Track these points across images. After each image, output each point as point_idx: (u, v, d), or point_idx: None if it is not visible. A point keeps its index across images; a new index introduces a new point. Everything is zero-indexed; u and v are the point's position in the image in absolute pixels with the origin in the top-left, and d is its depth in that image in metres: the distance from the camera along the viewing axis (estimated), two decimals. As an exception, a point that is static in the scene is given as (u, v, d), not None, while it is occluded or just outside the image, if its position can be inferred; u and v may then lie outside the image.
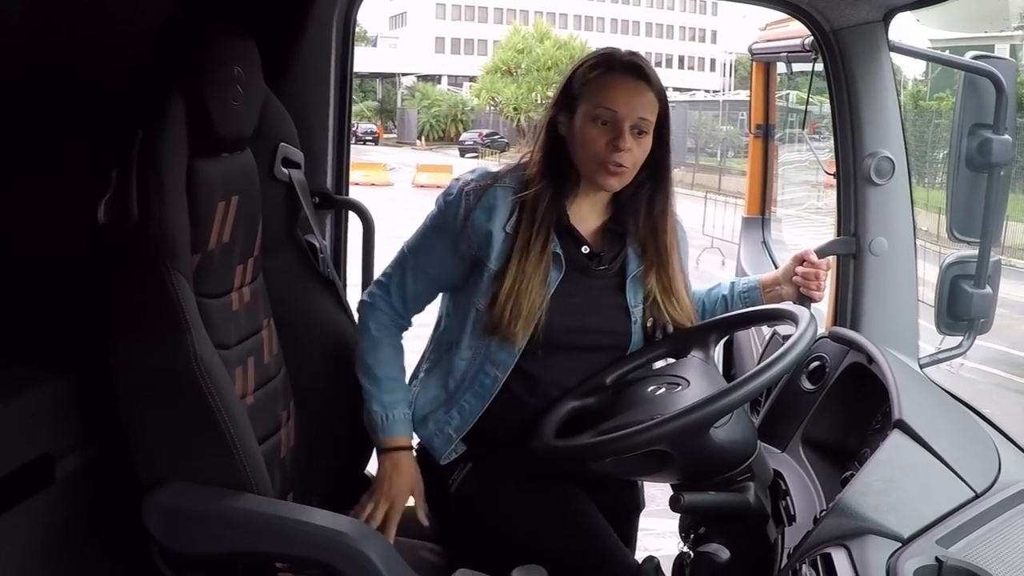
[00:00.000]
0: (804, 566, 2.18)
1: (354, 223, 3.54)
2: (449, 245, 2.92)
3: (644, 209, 2.93)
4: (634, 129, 2.80)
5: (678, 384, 2.55)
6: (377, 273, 3.31)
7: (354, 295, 3.34)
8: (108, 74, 2.63)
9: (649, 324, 2.93)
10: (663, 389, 2.54)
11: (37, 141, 2.67)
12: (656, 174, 2.92)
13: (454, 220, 2.90)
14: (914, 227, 3.27)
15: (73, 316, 2.64)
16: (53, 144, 2.68)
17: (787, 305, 2.88)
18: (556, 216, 2.88)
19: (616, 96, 2.81)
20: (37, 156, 2.68)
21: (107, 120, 2.45)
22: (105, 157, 2.41)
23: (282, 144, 3.01)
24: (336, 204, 3.47)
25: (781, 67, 4.55)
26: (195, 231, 2.53)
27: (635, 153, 2.81)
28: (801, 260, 3.05)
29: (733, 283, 3.17)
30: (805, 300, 3.12)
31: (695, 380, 2.56)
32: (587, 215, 2.95)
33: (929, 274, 3.42)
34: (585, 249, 2.91)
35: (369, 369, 2.97)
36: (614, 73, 2.84)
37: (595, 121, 2.82)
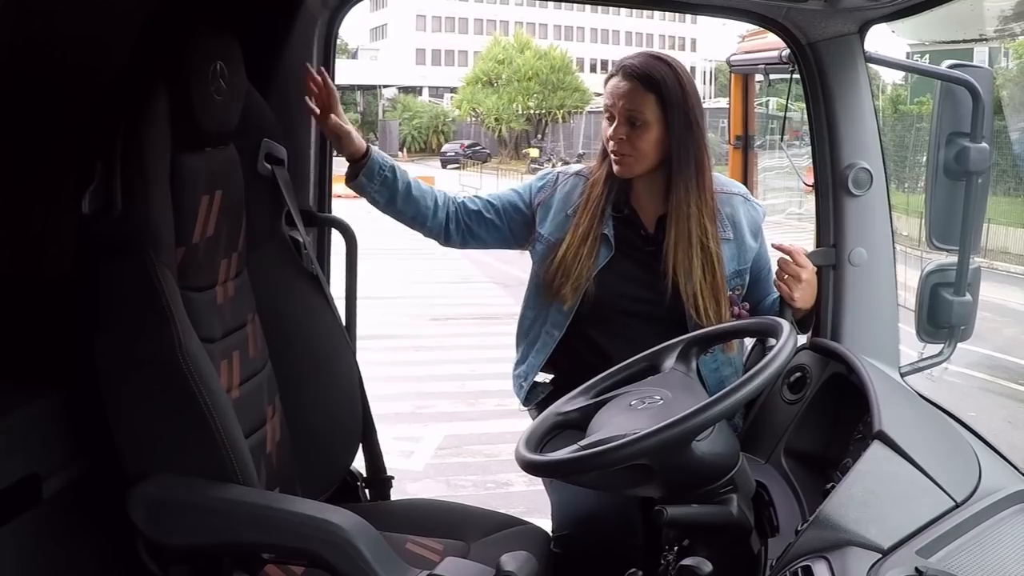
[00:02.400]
0: (784, 579, 2.19)
1: (337, 240, 3.54)
2: (527, 193, 3.49)
3: (667, 194, 3.32)
4: (629, 120, 3.26)
5: (659, 398, 2.55)
6: (361, 290, 3.38)
7: (339, 310, 3.34)
8: (89, 82, 2.64)
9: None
10: (644, 403, 2.54)
11: (18, 151, 2.67)
12: (670, 162, 3.27)
13: (540, 184, 3.49)
14: (893, 237, 3.28)
15: (57, 331, 2.64)
16: (35, 155, 2.69)
17: (766, 318, 2.89)
18: (612, 200, 3.37)
19: (610, 95, 3.31)
20: (18, 167, 2.68)
21: (92, 111, 2.47)
22: (89, 148, 2.43)
23: (265, 140, 3.03)
24: (319, 222, 3.48)
25: (759, 75, 4.56)
26: (179, 224, 2.56)
27: (634, 143, 3.27)
28: (788, 252, 3.19)
29: None
30: (786, 309, 3.14)
31: (676, 394, 2.56)
32: (647, 201, 3.39)
33: (911, 279, 3.43)
34: (642, 232, 3.37)
35: None
36: (613, 77, 3.32)
37: (606, 118, 3.34)
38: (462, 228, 3.44)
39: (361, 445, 3.38)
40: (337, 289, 3.49)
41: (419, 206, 3.39)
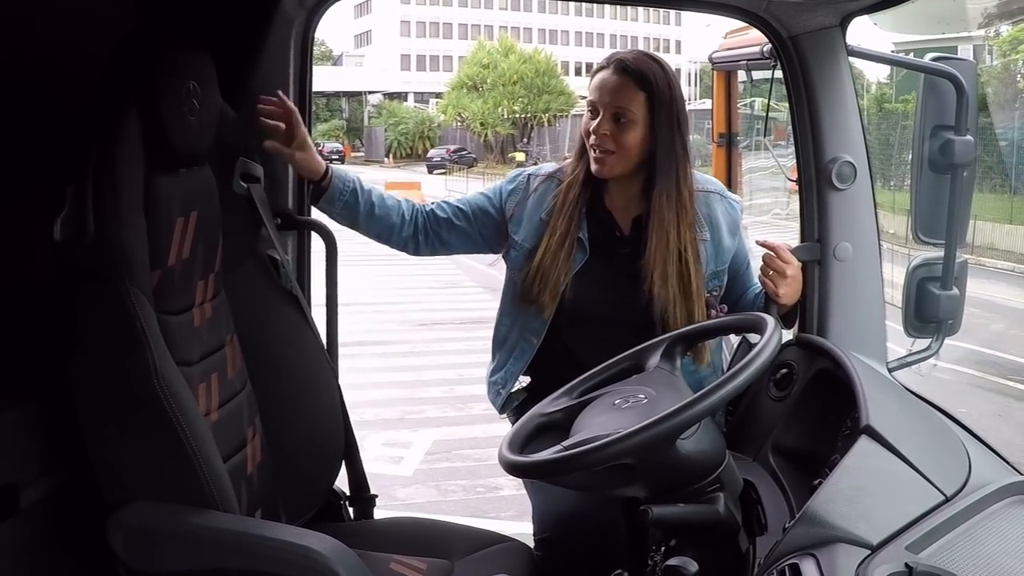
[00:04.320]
0: (772, 577, 2.16)
1: (317, 244, 3.52)
2: (497, 196, 3.44)
3: (647, 195, 3.27)
4: (615, 117, 3.21)
5: (643, 396, 2.53)
6: (345, 296, 3.36)
7: (319, 316, 3.32)
8: (67, 91, 2.62)
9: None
10: (628, 402, 2.52)
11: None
12: (653, 163, 3.22)
13: (511, 187, 3.43)
14: (878, 231, 3.26)
15: (35, 341, 2.61)
16: (12, 164, 2.66)
17: (751, 313, 2.87)
18: (587, 203, 3.32)
19: (598, 88, 3.25)
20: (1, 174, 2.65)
21: (63, 136, 2.44)
22: (60, 173, 2.41)
23: (241, 159, 3.00)
24: (298, 225, 3.46)
25: (743, 75, 4.55)
26: (154, 247, 2.54)
27: (619, 139, 3.20)
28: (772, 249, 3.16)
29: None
30: (770, 304, 3.12)
31: (660, 392, 2.53)
32: (622, 203, 3.35)
33: (897, 276, 3.41)
34: (618, 233, 3.33)
35: None
36: (603, 70, 3.26)
37: (588, 111, 3.29)
38: (431, 237, 3.42)
39: (344, 464, 3.35)
40: (318, 294, 3.47)
41: (383, 224, 3.36)
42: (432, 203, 3.47)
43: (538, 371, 3.37)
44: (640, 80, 3.18)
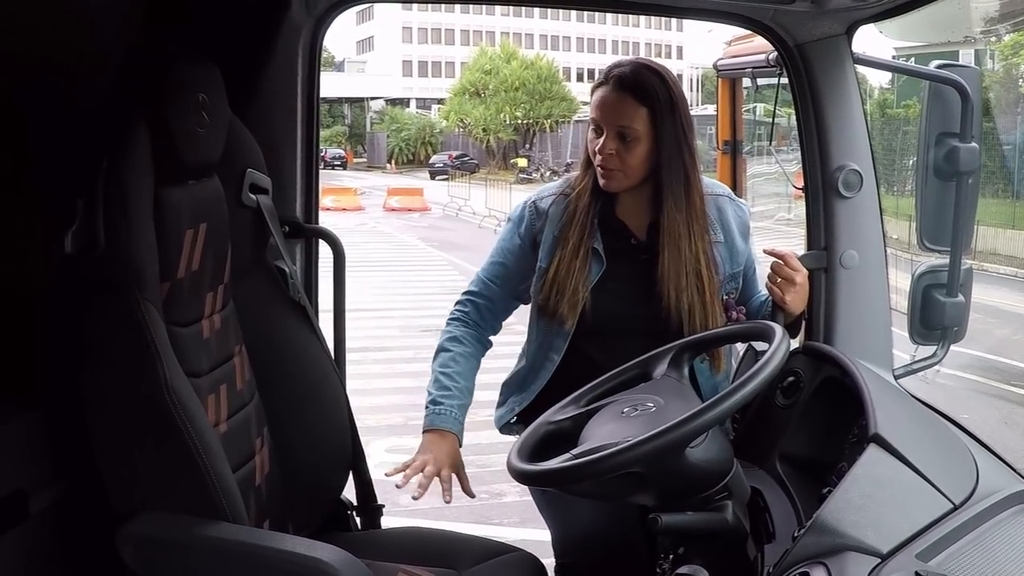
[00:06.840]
0: (783, 585, 2.17)
1: (325, 251, 3.51)
2: (519, 245, 3.33)
3: (657, 202, 3.21)
4: (619, 135, 3.13)
5: (652, 405, 2.53)
6: (349, 302, 3.34)
7: (326, 323, 3.32)
8: (72, 102, 2.62)
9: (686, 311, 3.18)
10: (637, 410, 2.52)
11: (4, 160, 2.65)
12: (658, 176, 3.16)
13: (520, 228, 3.34)
14: (884, 239, 3.26)
15: (43, 347, 2.61)
16: (17, 173, 2.66)
17: (759, 322, 2.87)
18: (599, 211, 3.25)
19: (599, 107, 3.17)
20: (4, 176, 2.65)
21: (71, 147, 2.44)
22: (70, 187, 2.40)
23: (249, 170, 2.99)
24: (306, 233, 3.45)
25: (746, 81, 4.54)
26: (163, 259, 2.53)
27: (624, 158, 3.14)
28: (780, 257, 3.14)
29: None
30: (777, 312, 3.12)
31: (669, 400, 2.53)
32: (634, 210, 3.27)
33: (902, 282, 3.41)
34: (633, 241, 3.26)
35: (433, 373, 3.32)
36: (602, 86, 3.18)
37: (592, 129, 3.20)
38: (490, 326, 3.40)
39: (351, 473, 3.35)
40: (325, 301, 3.47)
41: (478, 363, 3.39)
42: (465, 296, 3.41)
43: (562, 388, 3.16)
44: (641, 95, 3.11)
